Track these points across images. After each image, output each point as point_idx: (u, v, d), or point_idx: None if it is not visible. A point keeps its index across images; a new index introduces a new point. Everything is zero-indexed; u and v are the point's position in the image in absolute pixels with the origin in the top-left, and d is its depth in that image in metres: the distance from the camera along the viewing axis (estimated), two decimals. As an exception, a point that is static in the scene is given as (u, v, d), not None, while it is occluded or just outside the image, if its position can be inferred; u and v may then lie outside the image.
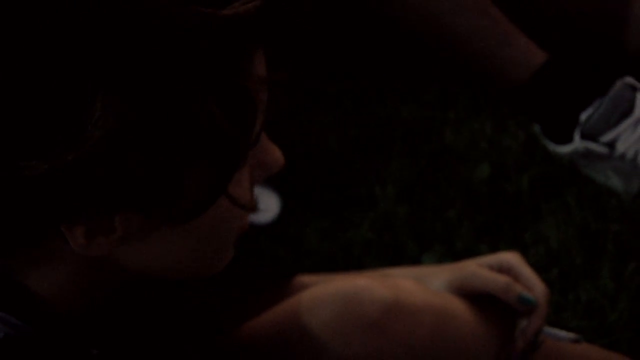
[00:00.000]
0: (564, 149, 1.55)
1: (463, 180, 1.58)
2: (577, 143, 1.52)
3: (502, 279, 1.02)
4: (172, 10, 0.66)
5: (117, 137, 0.66)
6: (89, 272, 0.76)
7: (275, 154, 0.79)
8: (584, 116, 1.51)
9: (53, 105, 0.66)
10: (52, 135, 0.66)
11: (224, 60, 0.68)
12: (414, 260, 1.49)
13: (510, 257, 1.04)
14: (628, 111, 1.51)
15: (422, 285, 1.01)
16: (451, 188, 1.58)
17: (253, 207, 0.77)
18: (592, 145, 1.51)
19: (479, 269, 1.03)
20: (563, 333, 1.08)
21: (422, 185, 1.60)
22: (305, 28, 1.68)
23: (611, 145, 1.51)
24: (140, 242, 0.74)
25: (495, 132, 1.65)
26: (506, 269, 1.04)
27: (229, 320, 1.04)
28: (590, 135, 1.51)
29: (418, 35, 1.63)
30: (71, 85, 0.65)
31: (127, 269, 0.76)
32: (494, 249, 1.45)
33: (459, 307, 1.01)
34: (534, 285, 1.02)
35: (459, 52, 1.61)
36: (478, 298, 1.04)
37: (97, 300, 0.79)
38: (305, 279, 1.09)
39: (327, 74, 1.74)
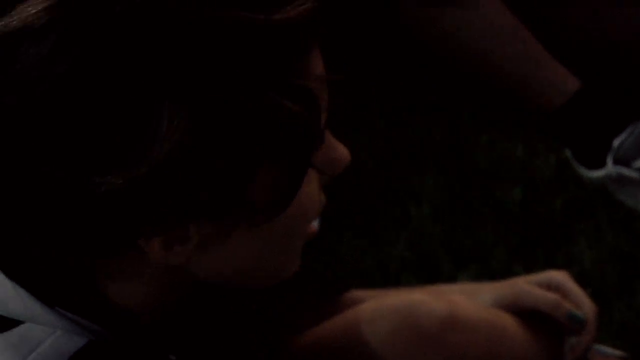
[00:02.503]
0: (596, 174, 1.58)
1: (496, 201, 1.61)
2: (610, 168, 1.55)
3: (551, 296, 1.04)
4: (225, 19, 0.67)
5: (187, 146, 0.67)
6: (165, 281, 0.77)
7: (341, 151, 0.79)
8: (616, 142, 1.54)
9: (122, 120, 0.67)
10: (125, 150, 0.67)
11: (281, 62, 0.69)
12: (450, 278, 1.51)
13: (559, 276, 1.07)
14: (661, 138, 1.54)
15: (474, 302, 1.04)
16: (484, 209, 1.60)
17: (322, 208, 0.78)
18: (625, 171, 1.53)
19: (528, 286, 1.05)
20: (610, 350, 1.10)
21: (456, 205, 1.62)
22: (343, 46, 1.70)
23: (644, 170, 1.54)
24: (215, 248, 0.74)
25: (527, 155, 1.68)
26: (555, 287, 1.06)
27: (284, 330, 1.05)
28: (622, 160, 1.54)
29: (453, 60, 1.65)
30: (138, 98, 0.67)
31: (201, 276, 0.77)
32: (529, 269, 1.47)
33: (510, 323, 1.03)
34: (583, 303, 1.04)
35: (493, 76, 1.63)
36: (527, 315, 1.06)
37: (171, 306, 0.81)
38: (358, 293, 1.11)
39: (362, 95, 1.76)
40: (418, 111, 1.77)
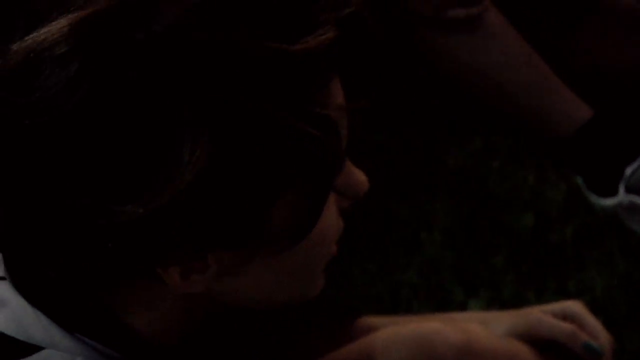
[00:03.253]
0: (608, 202, 1.58)
1: (507, 228, 1.60)
2: (622, 196, 1.55)
3: (567, 326, 1.04)
4: (246, 48, 0.67)
5: (208, 175, 0.66)
6: (183, 308, 0.77)
7: (359, 178, 0.79)
8: (629, 170, 1.54)
9: (143, 149, 0.66)
10: (145, 180, 0.66)
11: (302, 90, 0.69)
12: (461, 305, 1.51)
13: (574, 306, 1.06)
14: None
15: (490, 330, 1.03)
16: (496, 236, 1.60)
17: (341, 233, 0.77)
18: (637, 199, 1.53)
19: (544, 316, 1.05)
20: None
21: (467, 231, 1.62)
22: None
23: (656, 199, 1.54)
24: (234, 276, 0.74)
25: (538, 181, 1.68)
26: (570, 317, 1.05)
27: (296, 356, 1.05)
28: (634, 189, 1.53)
29: (466, 86, 1.66)
30: (159, 129, 0.66)
31: (220, 301, 0.77)
32: (539, 296, 1.47)
33: (525, 352, 1.02)
34: (599, 334, 1.04)
35: (506, 104, 1.64)
36: (542, 345, 1.05)
37: (190, 331, 0.80)
38: (370, 320, 1.11)
39: (374, 121, 1.77)
40: (430, 136, 1.78)
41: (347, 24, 0.71)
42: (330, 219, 0.76)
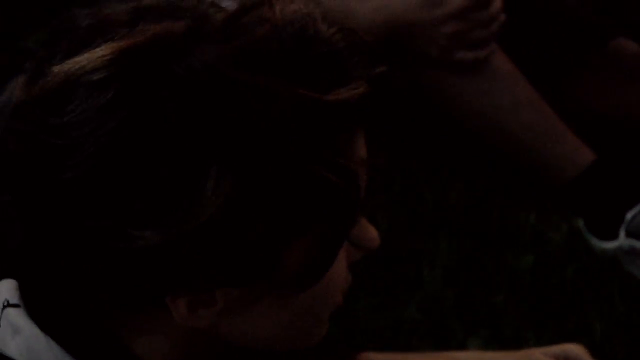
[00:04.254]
0: (608, 245, 1.58)
1: (508, 267, 1.61)
2: (622, 240, 1.55)
3: (568, 369, 1.04)
4: (281, 93, 0.67)
5: (229, 212, 0.67)
6: (190, 337, 0.76)
7: (371, 233, 0.78)
8: (629, 215, 1.55)
9: (170, 180, 0.66)
10: (167, 208, 0.66)
11: (329, 140, 0.69)
12: (460, 343, 1.51)
13: (575, 349, 1.06)
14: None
15: (490, 371, 1.03)
16: (497, 274, 1.61)
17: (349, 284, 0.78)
18: (637, 244, 1.54)
19: (544, 358, 1.05)
20: None
21: (469, 270, 1.63)
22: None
23: (656, 244, 1.55)
24: (239, 314, 0.74)
25: (539, 222, 1.69)
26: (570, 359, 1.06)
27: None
28: (635, 233, 1.54)
29: (470, 127, 1.67)
30: (187, 162, 0.66)
31: (224, 339, 0.77)
32: (539, 336, 1.47)
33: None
34: (598, 378, 1.04)
35: (510, 145, 1.64)
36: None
37: None
38: (372, 356, 1.11)
39: (377, 157, 1.77)
40: (433, 175, 1.79)
41: (375, 80, 0.72)
42: (340, 269, 0.75)
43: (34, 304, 0.75)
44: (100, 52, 0.67)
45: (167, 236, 0.66)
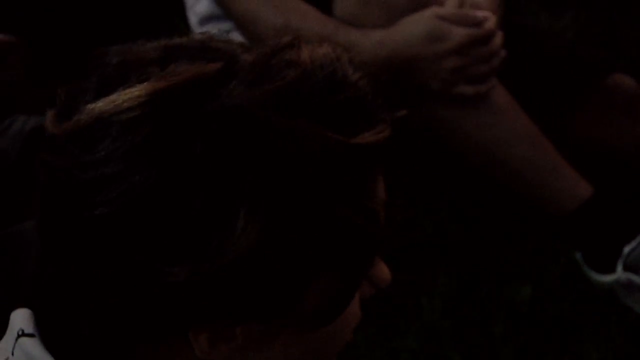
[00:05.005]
0: (605, 278, 1.58)
1: (506, 299, 1.61)
2: (619, 274, 1.55)
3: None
4: (310, 136, 0.68)
5: (256, 251, 0.67)
6: None
7: (384, 271, 0.80)
8: (627, 249, 1.55)
9: (200, 219, 0.67)
10: (197, 246, 0.67)
11: (354, 182, 0.70)
12: (459, 373, 1.51)
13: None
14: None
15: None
16: (494, 305, 1.60)
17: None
18: (634, 278, 1.54)
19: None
20: None
21: (467, 300, 1.62)
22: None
23: (653, 278, 1.55)
24: (257, 349, 0.74)
25: (538, 254, 1.69)
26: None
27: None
28: (632, 267, 1.54)
29: (470, 160, 1.67)
30: (217, 202, 0.67)
31: None
32: (537, 368, 1.48)
33: None
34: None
35: (508, 179, 1.64)
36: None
37: None
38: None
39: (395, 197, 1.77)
40: (432, 206, 1.79)
41: (396, 123, 0.73)
42: (353, 308, 0.76)
43: (50, 334, 0.75)
44: (134, 92, 0.67)
45: (195, 273, 0.67)
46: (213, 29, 1.82)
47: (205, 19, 1.79)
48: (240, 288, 0.69)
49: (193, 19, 1.82)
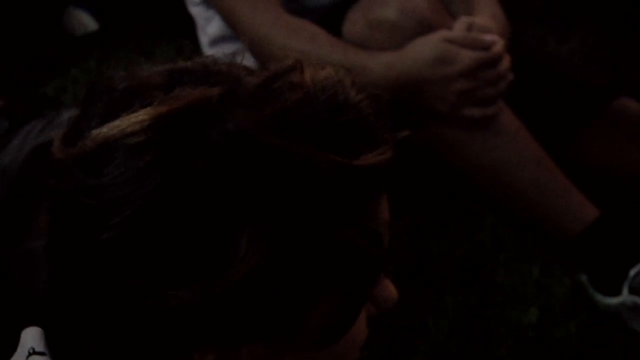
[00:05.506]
0: (611, 301, 1.57)
1: (512, 320, 1.60)
2: (625, 297, 1.54)
3: None
4: (312, 158, 0.68)
5: (259, 273, 0.67)
6: None
7: (390, 290, 0.79)
8: (632, 272, 1.54)
9: (204, 242, 0.67)
10: (201, 270, 0.67)
11: (356, 203, 0.70)
12: (465, 394, 1.50)
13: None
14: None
15: None
16: (500, 327, 1.60)
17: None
18: (640, 300, 1.53)
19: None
20: None
21: (473, 322, 1.62)
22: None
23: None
24: None
25: (543, 276, 1.68)
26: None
27: None
28: (638, 290, 1.53)
29: (476, 182, 1.67)
30: (220, 225, 0.67)
31: None
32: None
33: None
34: None
35: (515, 201, 1.64)
36: None
37: None
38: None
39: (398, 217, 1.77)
40: (439, 228, 1.78)
41: (399, 145, 0.73)
42: (360, 326, 0.76)
43: (60, 353, 0.75)
44: (138, 117, 0.67)
45: (200, 295, 0.66)
46: (224, 49, 1.83)
47: (217, 40, 1.79)
48: (245, 309, 0.68)
49: (204, 39, 1.83)
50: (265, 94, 0.69)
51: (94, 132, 0.68)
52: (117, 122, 0.67)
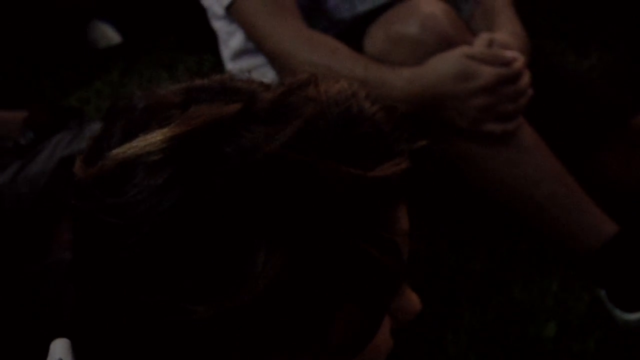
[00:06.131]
0: (631, 317, 1.56)
1: (531, 335, 1.59)
2: (644, 312, 1.54)
3: None
4: (326, 171, 0.68)
5: (278, 286, 0.67)
6: None
7: (413, 301, 0.78)
8: (652, 287, 1.53)
9: (222, 257, 0.66)
10: (220, 284, 0.67)
11: (373, 215, 0.69)
12: (483, 408, 1.49)
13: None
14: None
15: None
16: (519, 342, 1.58)
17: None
18: (659, 316, 1.52)
19: None
20: None
21: (491, 336, 1.60)
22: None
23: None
24: None
25: (562, 291, 1.67)
26: None
27: None
28: (657, 306, 1.52)
29: (496, 197, 1.65)
30: (238, 239, 0.66)
31: None
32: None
33: None
34: None
35: (535, 216, 1.63)
36: None
37: None
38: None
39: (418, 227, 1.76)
40: (457, 242, 1.78)
41: (416, 155, 0.72)
42: (383, 337, 0.75)
43: None
44: (155, 137, 0.67)
45: (220, 310, 0.66)
46: (245, 63, 1.82)
47: (238, 54, 1.79)
48: (264, 323, 0.68)
49: (226, 53, 1.83)
50: (280, 109, 0.69)
51: (113, 152, 0.68)
52: (134, 142, 0.68)
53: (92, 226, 0.69)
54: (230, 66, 1.81)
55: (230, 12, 1.72)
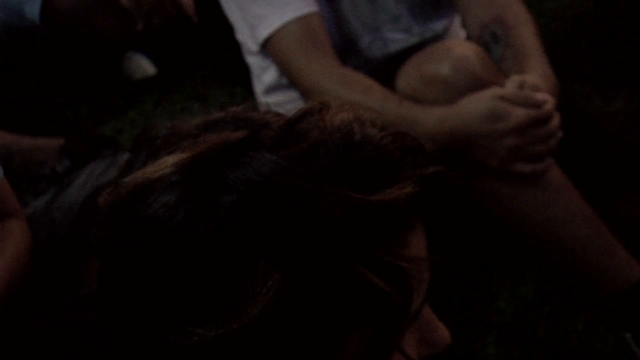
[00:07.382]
0: (657, 360, 1.53)
1: (556, 375, 1.57)
2: (671, 357, 1.51)
3: None
4: (327, 195, 0.67)
5: (277, 308, 0.66)
6: None
7: (441, 333, 0.77)
8: (679, 332, 1.50)
9: (222, 281, 0.66)
10: (220, 307, 0.66)
11: (374, 240, 0.68)
12: None
13: None
14: None
15: None
16: (544, 381, 1.56)
17: None
18: (686, 361, 1.49)
19: None
20: None
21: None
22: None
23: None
24: None
25: (587, 332, 1.64)
26: None
27: None
28: (684, 350, 1.49)
29: (524, 236, 1.63)
30: (238, 265, 0.66)
31: None
32: None
33: None
34: None
35: (562, 257, 1.60)
36: None
37: None
38: None
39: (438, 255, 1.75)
40: (483, 279, 1.75)
41: (430, 181, 0.71)
42: None
43: None
44: (164, 163, 0.68)
45: (220, 332, 0.66)
46: (278, 97, 1.82)
47: (272, 88, 1.79)
48: (264, 344, 0.67)
49: (259, 87, 1.82)
50: (285, 136, 0.69)
51: (126, 179, 0.70)
52: (146, 169, 0.69)
53: (107, 253, 0.70)
54: (263, 100, 1.81)
55: (265, 48, 1.72)
